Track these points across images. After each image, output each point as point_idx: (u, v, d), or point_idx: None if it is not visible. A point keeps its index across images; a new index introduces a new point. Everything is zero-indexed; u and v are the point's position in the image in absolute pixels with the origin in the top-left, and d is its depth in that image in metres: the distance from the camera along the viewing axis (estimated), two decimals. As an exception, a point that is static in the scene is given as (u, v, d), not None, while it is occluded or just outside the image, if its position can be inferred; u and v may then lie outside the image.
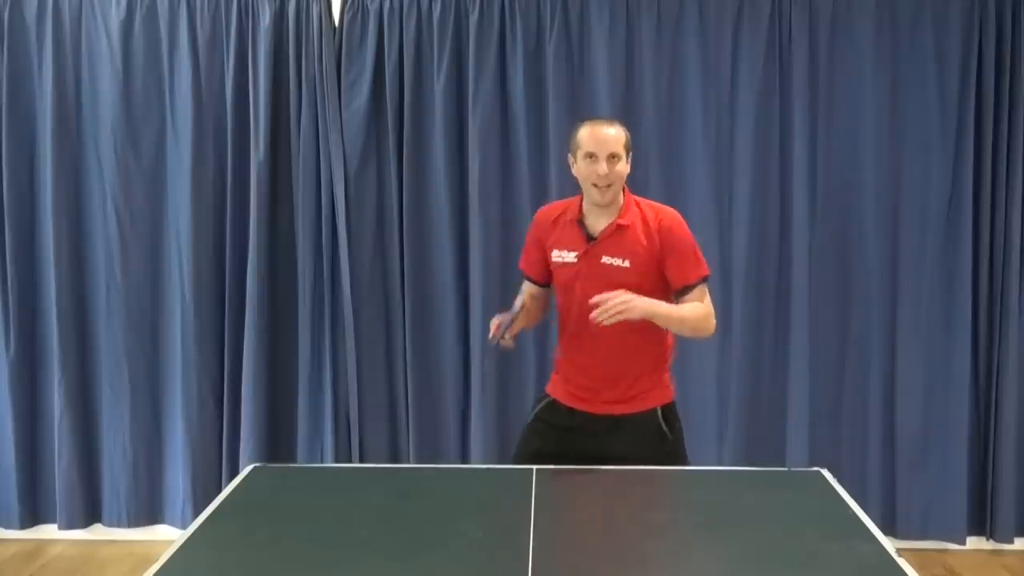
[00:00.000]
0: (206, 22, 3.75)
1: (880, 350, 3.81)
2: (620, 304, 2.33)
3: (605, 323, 2.33)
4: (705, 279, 2.57)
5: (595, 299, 2.35)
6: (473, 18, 3.70)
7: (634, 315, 2.36)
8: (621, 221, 2.53)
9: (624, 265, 2.50)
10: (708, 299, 2.57)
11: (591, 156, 2.48)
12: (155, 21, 3.76)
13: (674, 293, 2.56)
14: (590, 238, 2.54)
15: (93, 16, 3.76)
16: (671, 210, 2.62)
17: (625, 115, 3.70)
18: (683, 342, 3.67)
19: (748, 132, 3.73)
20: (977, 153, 3.70)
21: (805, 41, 3.69)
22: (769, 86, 3.72)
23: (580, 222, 2.57)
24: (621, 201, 2.56)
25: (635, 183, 3.70)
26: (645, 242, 2.52)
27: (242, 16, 3.75)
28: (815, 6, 3.70)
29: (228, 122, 3.79)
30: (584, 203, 2.58)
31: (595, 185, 2.49)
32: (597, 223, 2.55)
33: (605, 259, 2.52)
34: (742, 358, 3.79)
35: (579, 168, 2.53)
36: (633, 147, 2.59)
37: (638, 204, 2.59)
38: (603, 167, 2.46)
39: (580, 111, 3.71)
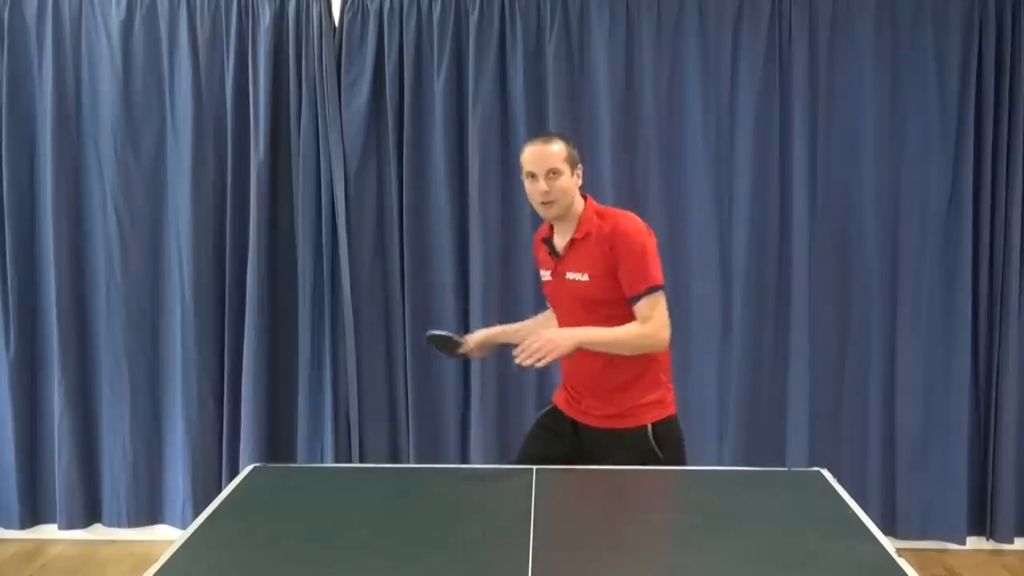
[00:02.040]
0: (206, 22, 3.76)
1: (880, 350, 3.81)
2: (543, 347, 2.32)
3: (527, 366, 2.32)
4: (653, 289, 2.44)
5: (516, 351, 2.34)
6: (473, 18, 3.70)
7: (563, 351, 2.36)
8: (576, 236, 2.53)
9: (584, 279, 2.50)
10: (660, 309, 2.45)
11: (531, 176, 2.50)
12: (155, 21, 3.77)
13: (628, 302, 2.47)
14: (555, 255, 2.58)
15: (93, 16, 3.77)
16: (627, 217, 2.52)
17: (625, 115, 3.71)
18: (682, 341, 3.70)
19: (748, 132, 3.73)
20: (977, 153, 3.70)
21: (805, 41, 3.69)
22: (769, 86, 3.72)
23: (548, 240, 2.62)
24: (580, 213, 2.54)
25: (635, 183, 3.75)
26: (598, 254, 2.48)
27: (242, 16, 3.75)
28: (815, 6, 3.70)
29: (228, 122, 3.79)
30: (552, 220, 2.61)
31: (540, 203, 2.51)
32: (561, 239, 2.58)
33: (569, 275, 2.53)
34: (742, 358, 3.79)
35: (526, 188, 2.55)
36: (632, 149, 2.59)
37: (598, 214, 2.54)
38: (542, 185, 2.47)
39: (580, 111, 3.72)
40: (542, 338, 2.35)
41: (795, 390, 3.78)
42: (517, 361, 2.33)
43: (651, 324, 2.45)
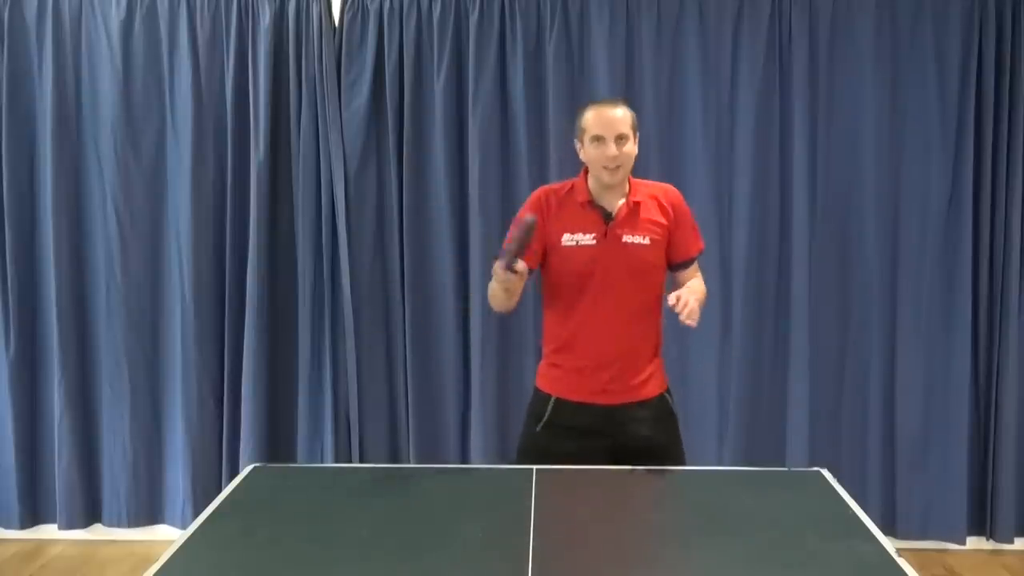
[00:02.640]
0: (206, 22, 3.76)
1: (880, 350, 3.81)
2: (694, 304, 2.32)
3: (694, 322, 2.31)
4: (701, 252, 2.65)
5: (672, 300, 2.32)
6: (473, 18, 3.70)
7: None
8: (635, 198, 2.52)
9: (644, 243, 2.50)
10: (699, 274, 2.66)
11: (599, 139, 2.44)
12: (155, 21, 3.77)
13: (672, 266, 2.57)
14: (608, 218, 2.51)
15: (93, 16, 3.77)
16: (671, 186, 2.65)
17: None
18: (682, 341, 3.70)
19: (748, 132, 3.73)
20: (977, 153, 3.71)
21: (805, 41, 3.70)
22: (769, 86, 3.72)
23: (592, 204, 2.52)
24: (626, 182, 2.56)
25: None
26: (662, 219, 2.53)
27: (242, 16, 3.75)
28: (815, 6, 3.70)
29: (228, 122, 3.79)
30: (591, 184, 2.53)
31: (605, 168, 2.45)
32: (610, 203, 2.52)
33: (626, 238, 2.49)
34: (742, 358, 3.79)
35: (587, 152, 2.49)
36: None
37: (639, 182, 2.59)
38: (612, 149, 2.42)
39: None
40: (691, 296, 2.32)
41: (795, 390, 3.78)
42: (688, 321, 2.30)
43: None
